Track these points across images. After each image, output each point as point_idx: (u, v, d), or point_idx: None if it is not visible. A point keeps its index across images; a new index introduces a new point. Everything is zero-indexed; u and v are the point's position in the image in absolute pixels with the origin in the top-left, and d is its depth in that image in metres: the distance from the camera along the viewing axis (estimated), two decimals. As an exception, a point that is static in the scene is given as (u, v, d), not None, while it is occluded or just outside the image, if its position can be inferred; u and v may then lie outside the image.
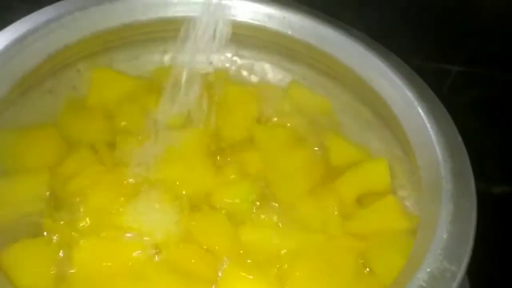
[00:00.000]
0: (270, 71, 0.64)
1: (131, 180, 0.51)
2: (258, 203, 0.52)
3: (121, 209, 0.48)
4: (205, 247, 0.48)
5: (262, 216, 0.51)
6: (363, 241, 0.49)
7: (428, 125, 0.48)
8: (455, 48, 0.77)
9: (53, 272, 0.44)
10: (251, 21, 0.59)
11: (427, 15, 0.74)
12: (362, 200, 0.53)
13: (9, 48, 0.50)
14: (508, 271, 0.86)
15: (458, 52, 0.77)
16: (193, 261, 0.47)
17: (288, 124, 0.60)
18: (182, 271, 0.46)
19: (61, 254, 0.45)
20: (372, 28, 0.59)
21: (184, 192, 0.51)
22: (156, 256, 0.47)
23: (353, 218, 0.52)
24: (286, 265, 0.48)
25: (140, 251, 0.46)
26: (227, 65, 0.64)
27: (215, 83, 0.60)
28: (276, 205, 0.52)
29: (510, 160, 0.91)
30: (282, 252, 0.49)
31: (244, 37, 0.62)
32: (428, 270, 0.38)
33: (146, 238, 0.47)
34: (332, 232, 0.51)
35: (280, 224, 0.51)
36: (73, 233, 0.46)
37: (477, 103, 0.82)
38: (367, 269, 0.48)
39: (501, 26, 0.73)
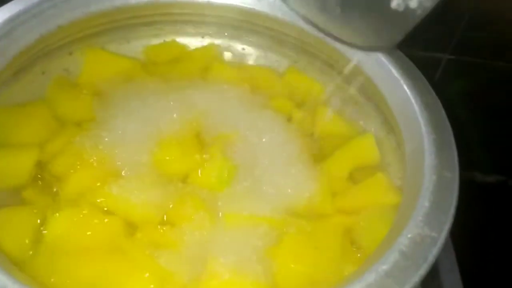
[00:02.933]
0: (260, 55, 0.65)
1: (115, 159, 0.52)
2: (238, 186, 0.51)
3: (102, 187, 0.49)
4: (182, 229, 0.48)
5: (243, 201, 0.50)
6: (351, 216, 0.50)
7: (413, 101, 0.49)
8: (445, 36, 0.77)
9: (31, 239, 0.44)
10: (241, 4, 0.60)
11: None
12: (354, 176, 0.54)
13: (2, 27, 0.50)
14: (501, 258, 0.87)
15: (448, 40, 0.78)
16: (169, 241, 0.47)
17: (279, 107, 0.60)
18: (157, 249, 0.46)
19: (39, 223, 0.46)
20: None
21: (166, 175, 0.52)
22: (132, 234, 0.47)
23: (342, 195, 0.52)
24: (268, 248, 0.47)
25: (117, 227, 0.47)
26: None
27: (204, 58, 0.61)
28: (260, 187, 0.52)
29: (502, 149, 0.92)
30: (265, 236, 0.48)
31: (235, 20, 0.63)
32: (409, 236, 0.38)
33: (123, 217, 0.48)
34: (322, 211, 0.51)
35: (261, 207, 0.50)
36: (52, 205, 0.47)
37: (469, 91, 0.82)
38: (354, 243, 0.49)
39: (491, 13, 0.74)
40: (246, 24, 0.63)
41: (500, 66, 0.79)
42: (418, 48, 0.76)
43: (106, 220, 0.47)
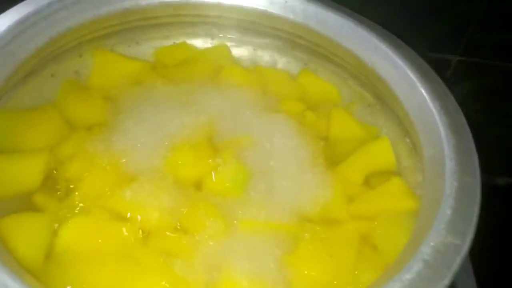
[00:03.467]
0: (271, 57, 0.64)
1: (128, 164, 0.51)
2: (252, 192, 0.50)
3: (115, 193, 0.48)
4: (196, 236, 0.47)
5: (257, 207, 0.49)
6: (367, 222, 0.49)
7: (431, 105, 0.48)
8: (455, 38, 0.77)
9: (43, 247, 0.43)
10: (253, 6, 0.60)
11: (427, 5, 0.74)
12: (369, 181, 0.53)
13: (12, 29, 0.49)
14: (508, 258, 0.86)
15: (458, 42, 0.77)
16: (182, 248, 0.46)
17: (293, 110, 0.59)
18: (171, 256, 0.45)
19: (51, 230, 0.45)
20: (372, 19, 0.59)
21: (178, 180, 0.50)
22: (146, 240, 0.46)
23: (358, 200, 0.51)
24: (284, 255, 0.46)
25: (128, 234, 0.45)
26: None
27: (215, 60, 0.60)
28: (273, 193, 0.51)
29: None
30: (280, 242, 0.47)
31: (246, 22, 0.62)
32: (432, 244, 0.38)
33: (136, 223, 0.47)
34: (337, 217, 0.50)
35: (275, 212, 0.49)
36: (65, 212, 0.46)
37: (479, 93, 0.81)
38: (371, 250, 0.48)
39: (501, 14, 0.73)
40: (257, 26, 0.62)
41: (510, 67, 0.78)
42: (428, 49, 0.76)
43: (118, 226, 0.46)
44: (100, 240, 0.45)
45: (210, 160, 0.52)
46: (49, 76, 0.57)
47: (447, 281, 0.36)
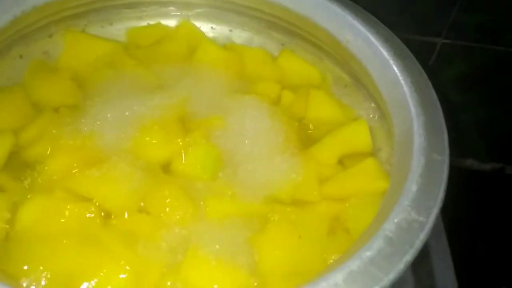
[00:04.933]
0: (247, 37, 0.63)
1: (94, 146, 0.50)
2: (220, 173, 0.50)
3: (79, 174, 0.47)
4: (161, 218, 0.46)
5: (226, 188, 0.49)
6: (339, 204, 0.48)
7: (403, 82, 0.47)
8: (439, 20, 0.76)
9: (3, 226, 0.43)
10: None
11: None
12: (344, 162, 0.52)
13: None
14: (495, 245, 0.85)
15: (443, 24, 0.76)
16: (145, 230, 0.45)
17: (269, 91, 0.58)
18: (133, 238, 0.44)
19: (12, 210, 0.44)
20: (357, 2, 0.57)
21: (146, 161, 0.49)
22: (108, 221, 0.45)
23: (331, 181, 0.50)
24: (252, 236, 0.46)
25: (90, 215, 0.45)
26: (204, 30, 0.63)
27: (189, 40, 0.59)
28: (243, 174, 0.50)
29: (498, 135, 0.90)
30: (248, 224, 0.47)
31: (221, 2, 0.61)
32: (395, 221, 0.37)
33: (99, 204, 0.45)
34: (308, 198, 0.49)
35: (244, 194, 0.48)
36: (27, 192, 0.45)
37: (464, 76, 0.80)
38: (342, 231, 0.47)
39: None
40: (233, 6, 0.61)
41: (496, 50, 0.77)
42: (413, 32, 0.74)
43: (80, 206, 0.45)
44: (61, 221, 0.44)
45: (179, 140, 0.50)
46: (18, 57, 0.56)
47: (409, 257, 0.35)
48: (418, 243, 0.35)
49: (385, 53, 0.50)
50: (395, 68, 0.48)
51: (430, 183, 0.39)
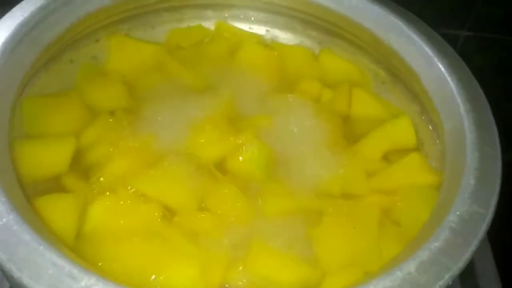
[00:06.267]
0: (286, 36, 0.65)
1: (151, 146, 0.52)
2: (273, 171, 0.52)
3: (140, 174, 0.49)
4: (221, 216, 0.48)
5: (280, 185, 0.51)
6: (388, 197, 0.50)
7: (449, 79, 0.49)
8: (463, 13, 0.77)
9: (74, 226, 0.45)
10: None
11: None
12: (388, 157, 0.54)
13: (34, 16, 0.50)
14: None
15: (466, 17, 0.78)
16: (207, 227, 0.47)
17: (311, 89, 0.60)
18: (197, 235, 0.46)
19: (81, 210, 0.46)
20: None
21: (201, 160, 0.51)
22: (171, 219, 0.47)
23: (378, 175, 0.52)
24: (309, 229, 0.48)
25: (155, 214, 0.47)
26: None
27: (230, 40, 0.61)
28: (294, 170, 0.52)
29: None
30: (305, 218, 0.49)
31: (260, 3, 0.63)
32: (457, 213, 0.39)
33: (162, 203, 0.47)
34: (357, 192, 0.51)
35: (298, 190, 0.51)
36: (93, 192, 0.47)
37: (487, 68, 0.82)
38: (393, 223, 0.49)
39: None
40: (272, 6, 0.63)
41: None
42: (435, 25, 0.76)
43: (143, 206, 0.47)
44: (127, 220, 0.46)
45: (232, 139, 0.52)
46: (68, 62, 0.58)
47: (474, 247, 0.37)
48: (480, 234, 0.38)
49: (429, 50, 0.52)
50: (440, 66, 0.50)
51: (486, 176, 0.41)
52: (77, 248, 0.44)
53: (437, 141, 0.52)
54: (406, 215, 0.49)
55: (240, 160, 0.51)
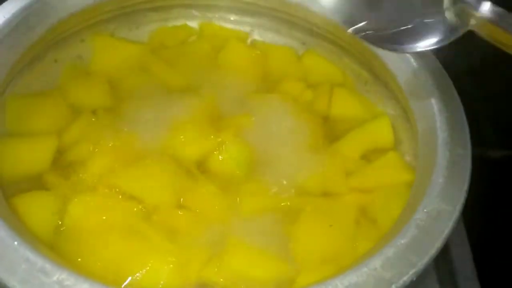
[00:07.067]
0: (269, 37, 0.65)
1: (132, 145, 0.52)
2: (253, 170, 0.52)
3: (120, 172, 0.49)
4: (200, 213, 0.49)
5: (259, 184, 0.51)
6: (365, 195, 0.51)
7: (423, 79, 0.49)
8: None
9: (54, 222, 0.46)
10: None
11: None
12: (367, 157, 0.55)
13: (16, 17, 0.50)
14: (506, 233, 0.88)
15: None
16: (185, 225, 0.48)
17: (293, 90, 0.60)
18: (175, 232, 0.47)
19: (61, 207, 0.46)
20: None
21: (181, 159, 0.52)
22: (150, 217, 0.48)
23: (356, 174, 0.53)
24: (287, 226, 0.49)
25: (133, 211, 0.47)
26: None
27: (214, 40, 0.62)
28: (273, 169, 0.53)
29: (506, 123, 0.92)
30: (283, 216, 0.49)
31: (243, 3, 0.63)
32: (425, 210, 0.40)
33: (141, 200, 0.48)
34: (336, 190, 0.52)
35: (277, 188, 0.51)
36: (73, 190, 0.48)
37: (474, 66, 0.83)
38: (369, 221, 0.50)
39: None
40: (254, 7, 0.64)
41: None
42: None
43: (122, 204, 0.48)
44: (106, 216, 0.46)
45: (212, 138, 0.53)
46: (53, 61, 0.58)
47: (439, 243, 0.38)
48: (447, 231, 0.38)
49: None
50: (415, 65, 0.51)
51: (455, 176, 0.42)
52: (56, 244, 0.45)
53: (413, 141, 0.53)
54: (382, 213, 0.49)
55: (220, 159, 0.52)
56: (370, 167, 0.53)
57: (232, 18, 0.66)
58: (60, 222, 0.46)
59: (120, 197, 0.48)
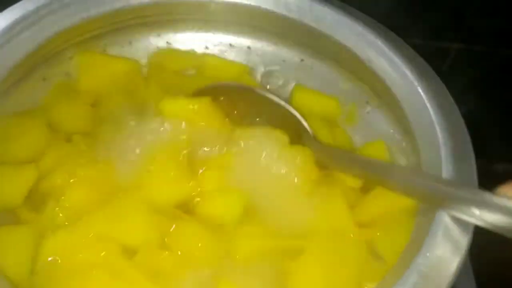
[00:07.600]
0: (264, 53, 0.63)
1: (110, 178, 0.49)
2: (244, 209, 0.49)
3: (97, 208, 0.47)
4: (185, 256, 0.46)
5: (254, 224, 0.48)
6: (369, 228, 0.48)
7: (429, 106, 0.47)
8: (454, 26, 0.75)
9: (28, 260, 0.43)
10: (245, 2, 0.58)
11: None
12: (365, 186, 0.51)
13: (4, 33, 0.49)
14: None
15: (457, 30, 0.76)
16: (171, 266, 0.45)
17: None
18: (159, 274, 0.44)
19: (36, 243, 0.44)
20: (370, 7, 0.57)
21: (159, 201, 0.49)
22: (131, 257, 0.45)
23: (359, 206, 0.50)
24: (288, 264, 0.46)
25: (115, 250, 0.45)
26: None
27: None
28: (268, 207, 0.49)
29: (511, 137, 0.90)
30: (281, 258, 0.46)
31: (239, 18, 0.61)
32: (427, 254, 0.37)
33: (121, 239, 0.45)
34: (342, 226, 0.49)
35: (272, 228, 0.48)
36: (48, 225, 0.45)
37: (478, 80, 0.81)
38: (375, 256, 0.47)
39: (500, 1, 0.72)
40: (252, 23, 0.61)
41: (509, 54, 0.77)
42: (426, 37, 0.74)
43: (102, 242, 0.45)
44: (85, 255, 0.44)
45: (191, 184, 0.50)
46: (41, 79, 0.56)
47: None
48: (451, 278, 0.36)
49: (409, 74, 0.50)
50: (420, 90, 0.48)
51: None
52: (33, 283, 0.42)
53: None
54: (387, 246, 0.46)
55: (206, 206, 0.49)
56: (370, 197, 0.50)
57: (229, 35, 0.63)
58: (34, 260, 0.44)
59: (97, 235, 0.45)
